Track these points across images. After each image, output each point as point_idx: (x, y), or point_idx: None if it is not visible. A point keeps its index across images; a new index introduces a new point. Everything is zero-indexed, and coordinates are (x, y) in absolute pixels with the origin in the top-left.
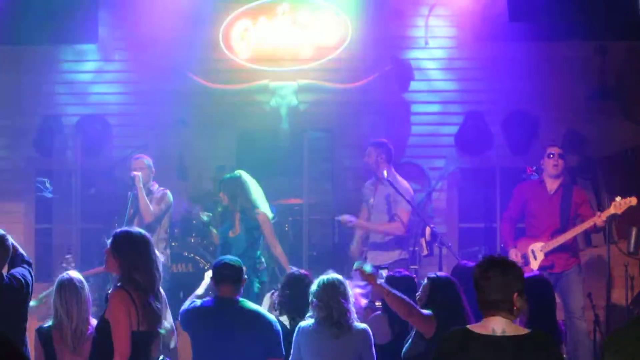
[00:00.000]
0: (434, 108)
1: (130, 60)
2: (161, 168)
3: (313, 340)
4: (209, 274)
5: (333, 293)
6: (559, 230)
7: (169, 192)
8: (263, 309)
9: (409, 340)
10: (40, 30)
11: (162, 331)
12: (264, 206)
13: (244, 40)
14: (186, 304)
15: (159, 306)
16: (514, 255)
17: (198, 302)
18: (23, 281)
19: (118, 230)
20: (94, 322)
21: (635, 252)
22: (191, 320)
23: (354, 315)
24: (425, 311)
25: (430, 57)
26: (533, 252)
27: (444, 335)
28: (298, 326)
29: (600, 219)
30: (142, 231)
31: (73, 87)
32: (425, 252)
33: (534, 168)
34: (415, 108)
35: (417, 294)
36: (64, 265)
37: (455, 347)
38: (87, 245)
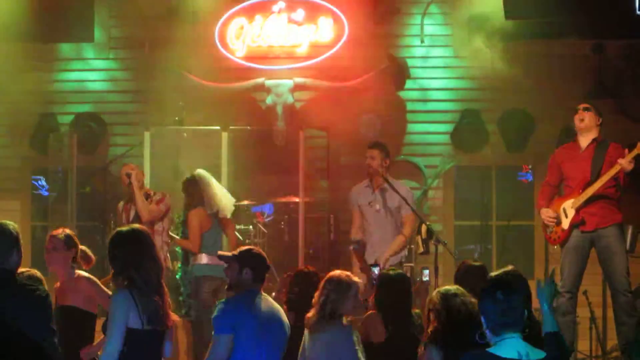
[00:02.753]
0: (430, 106)
1: (126, 58)
2: (157, 167)
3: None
4: None
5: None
6: (590, 183)
7: (167, 195)
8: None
9: None
10: (36, 28)
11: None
12: (223, 205)
13: (240, 39)
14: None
15: (161, 304)
16: (545, 213)
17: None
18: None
19: (118, 229)
20: None
21: (631, 250)
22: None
23: None
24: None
25: (426, 55)
26: (564, 210)
27: (469, 357)
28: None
29: (625, 160)
30: (136, 227)
31: (69, 85)
32: (421, 249)
33: (530, 166)
34: (411, 106)
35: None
36: None
37: None
38: (83, 243)
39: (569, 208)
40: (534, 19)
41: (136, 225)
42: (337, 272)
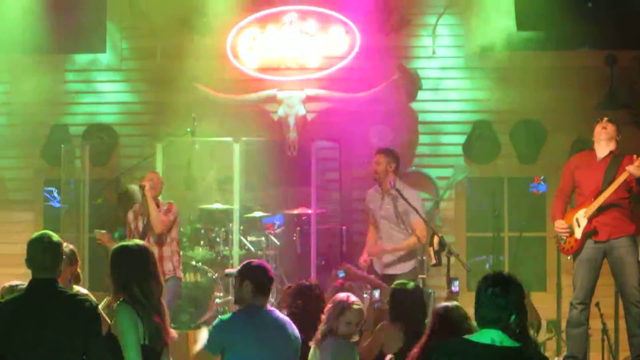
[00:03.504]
0: (442, 117)
1: (138, 70)
2: (168, 178)
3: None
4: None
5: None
6: (601, 192)
7: (175, 203)
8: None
9: None
10: (49, 40)
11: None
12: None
13: (252, 50)
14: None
15: (161, 322)
16: (558, 226)
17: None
18: None
19: (122, 243)
20: None
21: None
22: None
23: None
24: None
25: (438, 66)
26: (577, 220)
27: (444, 344)
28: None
29: (634, 165)
30: (140, 243)
31: (81, 97)
32: (433, 261)
33: (542, 177)
34: (423, 117)
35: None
36: None
37: (456, 355)
38: (95, 254)
39: (581, 218)
40: (546, 30)
41: (140, 242)
42: (340, 295)
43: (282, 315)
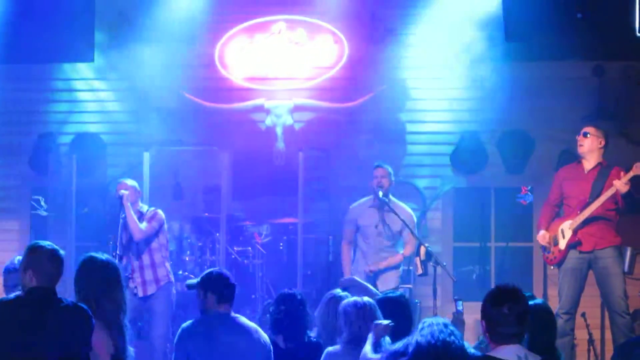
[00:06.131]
0: (429, 127)
1: (125, 78)
2: (156, 187)
3: None
4: None
5: (370, 315)
6: (588, 204)
7: (160, 210)
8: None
9: None
10: (36, 48)
11: None
12: None
13: (240, 59)
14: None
15: (122, 336)
16: (542, 237)
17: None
18: None
19: (83, 256)
20: None
21: (630, 272)
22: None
23: None
24: None
25: (425, 76)
26: (562, 230)
27: None
28: (326, 351)
29: (621, 182)
30: (108, 257)
31: (68, 105)
32: (419, 271)
33: (529, 188)
34: (410, 127)
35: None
36: None
37: None
38: None
39: (566, 229)
40: (535, 41)
41: (102, 254)
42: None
43: (249, 323)
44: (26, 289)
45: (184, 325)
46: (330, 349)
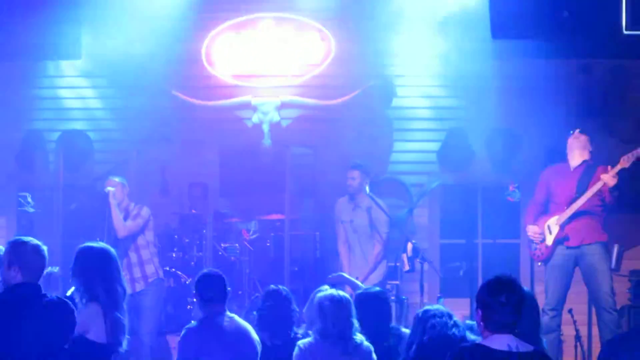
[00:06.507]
0: (417, 124)
1: (112, 75)
2: (143, 184)
3: (319, 357)
4: None
5: (345, 310)
6: (574, 200)
7: (145, 207)
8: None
9: None
10: (22, 46)
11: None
12: None
13: (227, 57)
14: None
15: (123, 321)
16: (531, 231)
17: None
18: None
19: (80, 246)
20: None
21: (617, 269)
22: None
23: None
24: None
25: (413, 73)
26: (549, 227)
27: (461, 350)
28: (298, 345)
29: (609, 175)
30: (105, 246)
31: (55, 102)
32: (406, 267)
33: (516, 185)
34: (397, 124)
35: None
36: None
37: None
38: (69, 260)
39: (553, 225)
40: (521, 39)
41: (98, 243)
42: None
43: (244, 323)
44: (10, 285)
45: (189, 326)
46: (300, 342)
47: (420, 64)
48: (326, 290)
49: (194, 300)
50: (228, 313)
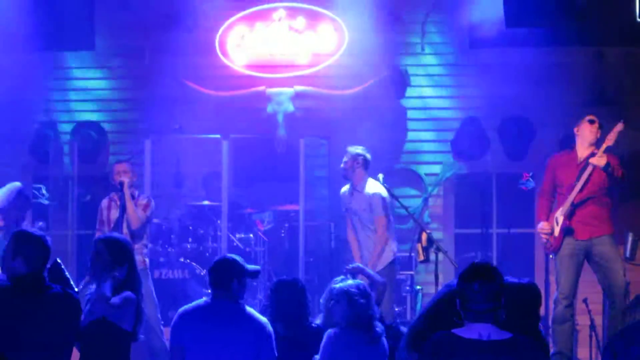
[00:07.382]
0: (431, 114)
1: (126, 66)
2: (156, 175)
3: (347, 346)
4: None
5: (370, 298)
6: (573, 187)
7: (151, 199)
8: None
9: None
10: (36, 37)
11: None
12: None
13: (240, 47)
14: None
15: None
16: (540, 228)
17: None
18: None
19: (104, 236)
20: None
21: (631, 258)
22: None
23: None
24: None
25: (426, 63)
26: (556, 219)
27: (431, 338)
28: (327, 334)
29: (596, 156)
30: (119, 235)
31: (69, 94)
32: (421, 257)
33: (531, 174)
34: (411, 114)
35: None
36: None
37: (444, 351)
38: (83, 251)
39: (559, 216)
40: (535, 27)
41: (121, 235)
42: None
43: (251, 311)
44: (15, 276)
45: (182, 311)
46: (330, 331)
47: (434, 54)
48: (348, 281)
49: (208, 291)
50: (234, 301)
